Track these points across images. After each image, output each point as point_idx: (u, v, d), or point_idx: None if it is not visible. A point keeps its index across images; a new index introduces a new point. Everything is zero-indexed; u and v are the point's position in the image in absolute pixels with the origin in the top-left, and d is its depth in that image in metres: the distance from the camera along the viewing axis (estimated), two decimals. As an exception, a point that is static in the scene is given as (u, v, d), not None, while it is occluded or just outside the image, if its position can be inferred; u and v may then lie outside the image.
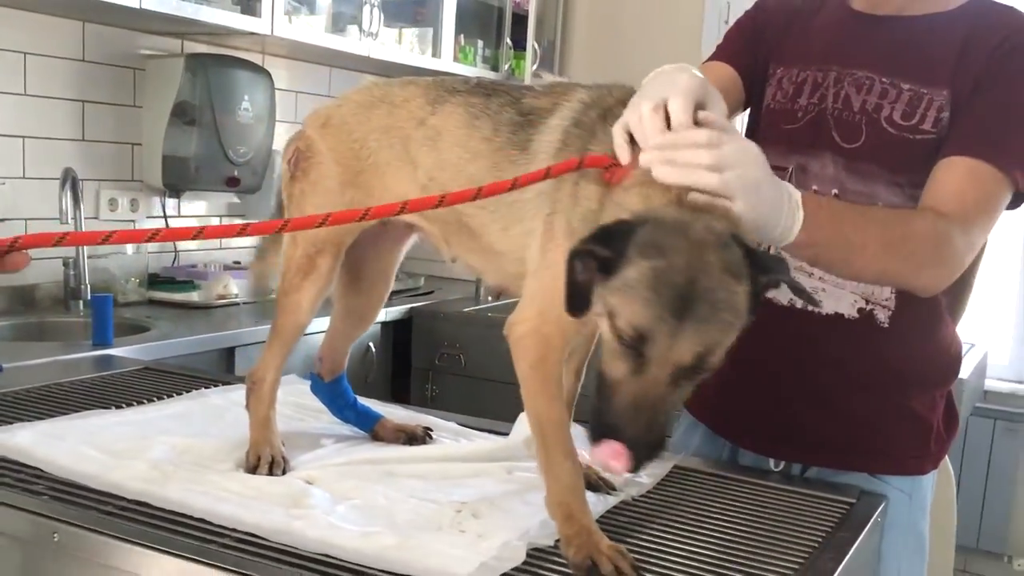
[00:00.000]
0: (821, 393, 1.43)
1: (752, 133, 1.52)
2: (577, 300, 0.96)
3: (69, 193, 2.62)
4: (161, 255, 3.12)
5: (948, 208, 1.27)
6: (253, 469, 1.28)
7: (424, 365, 3.10)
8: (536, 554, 1.06)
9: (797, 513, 1.25)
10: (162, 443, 1.35)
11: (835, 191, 1.40)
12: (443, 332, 3.07)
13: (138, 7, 2.46)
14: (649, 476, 1.34)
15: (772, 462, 1.43)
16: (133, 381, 1.75)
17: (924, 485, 1.46)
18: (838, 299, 1.40)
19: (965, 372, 2.67)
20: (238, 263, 3.22)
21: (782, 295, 1.38)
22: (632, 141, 1.04)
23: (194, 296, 2.87)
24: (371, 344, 3.00)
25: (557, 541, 1.08)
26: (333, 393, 1.49)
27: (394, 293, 3.31)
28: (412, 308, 3.17)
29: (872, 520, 1.24)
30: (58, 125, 2.79)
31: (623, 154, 1.03)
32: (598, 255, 0.93)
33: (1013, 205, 1.36)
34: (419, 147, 1.24)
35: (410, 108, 1.25)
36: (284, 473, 1.28)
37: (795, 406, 1.44)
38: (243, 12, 2.82)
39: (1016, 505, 3.75)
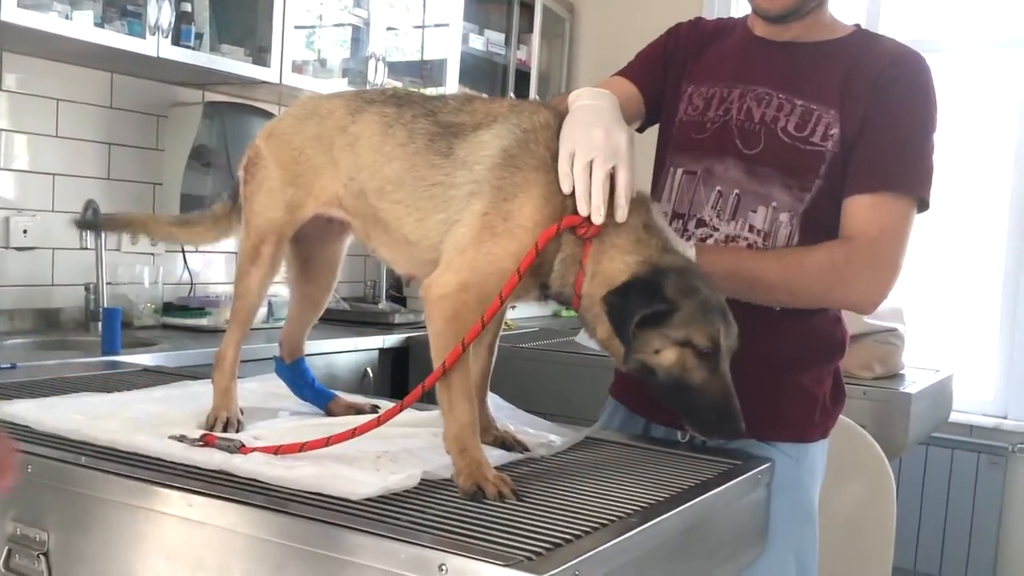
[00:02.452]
0: None
1: (664, 144, 1.72)
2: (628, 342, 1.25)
3: (91, 224, 2.89)
4: (178, 286, 3.37)
5: (853, 237, 1.49)
6: (210, 428, 1.46)
7: (419, 389, 3.27)
8: (432, 484, 1.22)
9: (684, 471, 1.37)
10: (138, 410, 1.55)
11: (736, 191, 1.58)
12: (437, 359, 3.24)
13: (155, 56, 2.74)
14: (561, 441, 1.50)
15: (679, 434, 1.59)
16: (130, 378, 1.92)
17: (811, 452, 1.61)
18: None
19: (915, 388, 2.78)
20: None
21: None
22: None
23: (204, 321, 3.09)
24: (368, 369, 3.20)
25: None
26: (293, 373, 1.68)
27: (395, 325, 3.50)
28: (410, 337, 3.36)
29: (751, 473, 1.38)
30: (86, 164, 3.07)
31: (598, 218, 1.27)
32: (659, 311, 1.24)
33: (921, 209, 1.54)
34: (340, 151, 1.43)
35: (334, 118, 1.45)
36: (237, 432, 1.47)
37: None
38: (254, 63, 3.11)
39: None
